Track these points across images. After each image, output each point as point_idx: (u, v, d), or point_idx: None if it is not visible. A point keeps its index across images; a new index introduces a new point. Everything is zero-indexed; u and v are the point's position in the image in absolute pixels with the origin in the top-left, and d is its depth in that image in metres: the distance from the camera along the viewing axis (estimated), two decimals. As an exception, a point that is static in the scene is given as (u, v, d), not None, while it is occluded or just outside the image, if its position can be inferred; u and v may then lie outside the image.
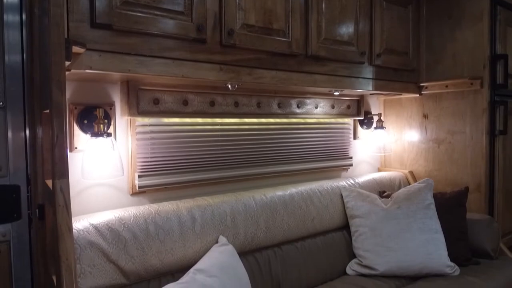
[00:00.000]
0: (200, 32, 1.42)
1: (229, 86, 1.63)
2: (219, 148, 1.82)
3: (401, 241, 1.79)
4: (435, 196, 1.96)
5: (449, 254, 1.80)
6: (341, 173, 2.40)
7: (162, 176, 1.64)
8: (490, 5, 2.07)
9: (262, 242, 1.68)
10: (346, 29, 1.90)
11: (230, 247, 1.46)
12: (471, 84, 2.09)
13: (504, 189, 2.18)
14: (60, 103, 1.06)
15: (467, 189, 1.99)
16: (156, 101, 1.59)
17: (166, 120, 1.65)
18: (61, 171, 1.05)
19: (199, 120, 1.74)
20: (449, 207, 1.95)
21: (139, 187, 1.58)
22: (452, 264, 1.78)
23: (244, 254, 1.62)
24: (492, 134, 2.09)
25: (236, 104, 1.84)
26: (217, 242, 1.50)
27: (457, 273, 1.76)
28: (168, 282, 1.35)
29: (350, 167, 2.41)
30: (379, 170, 2.59)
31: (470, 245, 1.93)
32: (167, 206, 1.51)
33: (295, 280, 1.70)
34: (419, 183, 2.01)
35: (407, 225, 1.82)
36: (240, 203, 1.66)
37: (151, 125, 1.62)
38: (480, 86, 2.07)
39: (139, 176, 1.58)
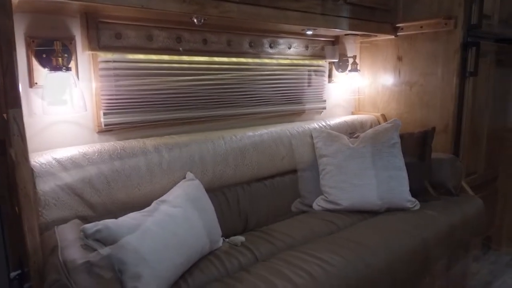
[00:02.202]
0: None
1: (195, 20, 1.57)
2: (188, 87, 1.79)
3: (366, 177, 1.85)
4: (403, 136, 2.01)
5: (411, 190, 1.89)
6: (314, 116, 2.41)
7: (129, 115, 1.63)
8: None
9: (231, 179, 1.72)
10: (320, -38, 1.82)
11: (197, 182, 1.49)
12: (445, 24, 2.06)
13: (471, 132, 2.24)
14: (7, 29, 1.02)
15: (433, 129, 2.04)
16: (119, 36, 1.53)
17: (130, 56, 1.60)
18: (13, 100, 1.04)
19: (166, 57, 1.70)
20: (415, 146, 2.01)
21: (105, 125, 1.56)
22: (413, 199, 1.87)
23: (213, 190, 1.66)
24: (462, 76, 2.10)
25: (205, 41, 1.79)
26: (184, 178, 1.53)
27: (417, 207, 1.86)
28: (135, 215, 1.39)
29: (324, 110, 2.43)
30: (352, 113, 2.61)
31: (433, 182, 2.02)
32: (133, 143, 1.52)
33: (263, 214, 1.77)
34: (387, 123, 2.05)
35: (372, 163, 1.87)
36: (209, 142, 1.68)
37: (114, 61, 1.57)
38: (454, 27, 2.04)
39: (104, 114, 1.56)
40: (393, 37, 2.31)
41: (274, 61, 2.10)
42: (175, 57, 1.73)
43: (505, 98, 2.54)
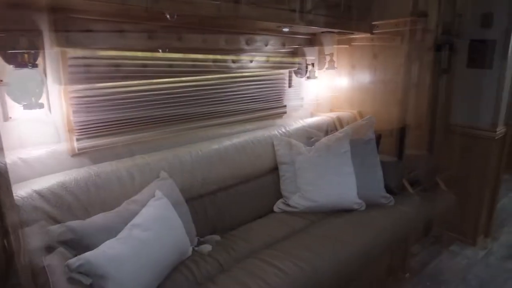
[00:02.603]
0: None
1: (167, 15, 1.59)
2: (156, 107, 1.91)
3: (319, 184, 2.09)
4: (353, 142, 2.24)
5: (358, 192, 2.15)
6: (292, 114, 2.58)
7: (101, 137, 1.74)
8: None
9: (198, 191, 1.91)
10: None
11: (165, 201, 1.66)
12: (420, 23, 2.19)
13: (445, 127, 2.43)
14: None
15: (380, 136, 2.29)
16: (89, 31, 1.54)
17: (102, 53, 1.63)
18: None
19: (134, 82, 1.80)
20: (363, 151, 2.25)
21: (79, 149, 1.68)
22: (360, 201, 2.13)
23: (181, 203, 1.83)
24: (436, 73, 2.26)
25: (171, 66, 1.89)
26: (154, 196, 1.70)
27: (363, 208, 2.13)
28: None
29: (301, 108, 2.59)
30: (330, 110, 2.78)
31: (409, 178, 2.28)
32: (107, 167, 1.65)
33: (228, 221, 1.98)
34: (339, 132, 2.28)
35: (325, 170, 2.11)
36: (176, 159, 1.84)
37: (84, 57, 1.58)
38: (427, 26, 2.18)
39: (77, 139, 1.67)
40: (369, 35, 2.41)
41: (249, 57, 2.19)
42: (143, 81, 1.83)
43: (478, 97, 2.76)
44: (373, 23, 2.34)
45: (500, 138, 2.76)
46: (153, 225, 1.50)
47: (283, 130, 2.38)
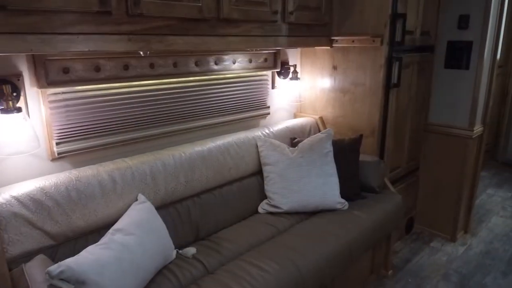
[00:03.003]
0: (104, 5, 1.41)
1: (141, 53, 1.67)
2: (138, 109, 1.90)
3: (302, 184, 2.11)
4: (335, 143, 2.28)
5: (341, 192, 2.18)
6: (260, 122, 2.61)
7: (81, 141, 1.72)
8: (395, -35, 2.19)
9: (182, 194, 1.89)
10: (259, -11, 1.95)
11: (147, 204, 1.65)
12: (373, 41, 2.30)
13: (394, 134, 2.56)
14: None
15: (361, 136, 2.33)
16: (66, 70, 1.60)
17: (79, 87, 1.68)
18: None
19: (115, 84, 1.79)
20: (345, 152, 2.29)
21: (58, 153, 1.66)
22: (343, 200, 2.16)
23: (165, 206, 1.84)
24: (387, 87, 2.37)
25: (152, 65, 1.89)
26: (136, 200, 1.69)
27: (346, 208, 2.16)
28: (94, 239, 1.54)
29: (268, 115, 2.63)
30: (295, 116, 2.84)
31: (361, 183, 2.33)
32: (87, 172, 1.62)
33: (213, 223, 1.98)
34: (321, 133, 2.30)
35: (308, 171, 2.13)
36: (159, 162, 1.82)
37: (63, 92, 1.64)
38: (380, 44, 2.28)
39: (57, 144, 1.65)
40: (329, 48, 2.52)
41: (220, 76, 2.24)
42: (124, 83, 1.82)
43: (424, 100, 2.88)
44: (332, 38, 2.46)
45: (477, 137, 2.85)
46: (135, 230, 1.49)
47: (267, 131, 2.39)
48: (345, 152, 2.29)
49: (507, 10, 2.77)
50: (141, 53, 1.67)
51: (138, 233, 1.47)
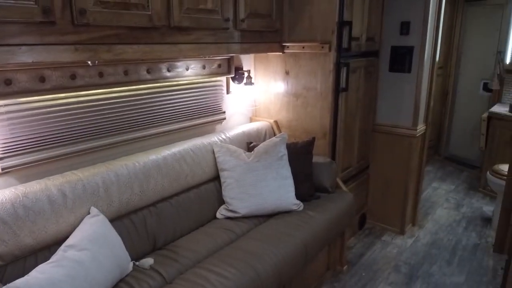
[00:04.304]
0: (47, 15, 1.36)
1: (89, 63, 1.63)
2: (87, 119, 1.85)
3: (259, 188, 2.16)
4: (289, 146, 2.35)
5: (297, 193, 2.25)
6: (216, 127, 2.62)
7: (27, 155, 1.65)
8: (340, -27, 2.30)
9: (137, 204, 1.86)
10: (209, -3, 1.96)
11: (101, 217, 1.61)
12: (322, 47, 2.39)
13: (345, 136, 2.68)
14: None
15: (313, 139, 2.41)
16: (8, 82, 1.53)
17: (23, 99, 1.61)
18: None
19: (62, 95, 1.73)
20: (299, 154, 2.36)
21: (3, 169, 1.58)
22: (298, 202, 2.23)
23: (120, 218, 1.80)
24: (337, 91, 2.48)
25: (101, 74, 1.84)
26: (89, 213, 1.64)
27: (301, 208, 2.23)
28: (44, 257, 1.49)
29: (224, 120, 2.65)
30: (251, 120, 2.88)
31: (314, 184, 2.41)
32: (35, 187, 1.56)
33: (170, 232, 1.97)
34: (276, 137, 2.36)
35: (264, 175, 2.18)
36: (112, 173, 1.79)
37: (6, 105, 1.56)
38: (328, 50, 2.38)
39: (1, 158, 1.57)
40: (281, 53, 2.59)
41: (173, 83, 2.23)
42: (71, 94, 1.76)
43: (371, 102, 3.04)
44: (284, 44, 2.53)
45: (421, 135, 3.05)
46: (88, 244, 1.45)
47: (223, 136, 2.41)
48: (299, 155, 2.36)
49: (444, 16, 2.99)
50: (89, 62, 1.63)
51: (91, 248, 1.44)
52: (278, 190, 2.18)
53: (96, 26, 1.52)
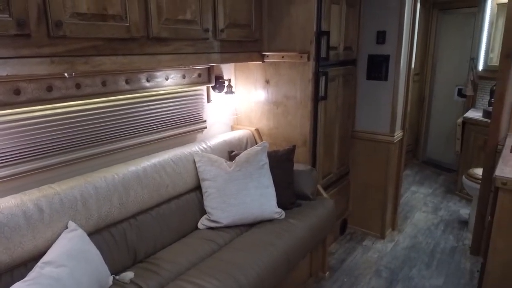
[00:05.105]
0: (22, 28, 1.34)
1: (66, 74, 1.61)
2: (64, 131, 1.82)
3: (240, 197, 2.16)
4: (270, 155, 2.36)
5: (278, 202, 2.26)
6: (197, 136, 2.62)
7: (2, 169, 1.61)
8: (317, -15, 2.34)
9: (116, 217, 1.84)
10: (188, 8, 1.97)
11: (79, 232, 1.58)
12: (301, 57, 2.43)
13: (324, 143, 2.72)
14: None
15: (294, 147, 2.44)
16: None
17: None
18: None
19: (37, 107, 1.70)
20: (280, 162, 2.38)
21: (-25, 184, 1.53)
22: (280, 210, 2.25)
23: (99, 231, 1.77)
24: (316, 99, 2.52)
25: (78, 86, 1.82)
26: (67, 228, 1.61)
27: (283, 217, 2.25)
28: (21, 274, 1.45)
29: (205, 129, 2.65)
30: (232, 128, 2.89)
31: (295, 191, 2.43)
32: (10, 202, 1.52)
33: (151, 244, 1.95)
34: (257, 146, 2.37)
35: (245, 184, 2.19)
36: (90, 186, 1.76)
37: None
38: (307, 59, 2.42)
39: (-27, 174, 1.52)
40: (261, 62, 2.61)
41: (152, 93, 2.22)
42: (48, 106, 1.73)
43: (350, 109, 3.09)
44: (263, 53, 2.56)
45: (398, 141, 3.12)
46: (66, 260, 1.42)
47: (204, 146, 2.41)
48: (280, 163, 2.38)
49: (418, 25, 3.08)
50: (66, 74, 1.61)
51: (69, 264, 1.41)
52: (260, 199, 2.19)
53: (73, 38, 1.51)
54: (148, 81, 2.15)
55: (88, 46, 1.57)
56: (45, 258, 1.42)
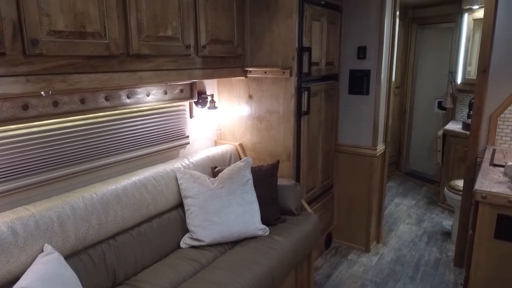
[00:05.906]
0: (-5, 46, 1.31)
1: (42, 93, 1.57)
2: (40, 150, 1.77)
3: (224, 215, 2.13)
4: (253, 170, 2.35)
5: (262, 218, 2.24)
6: (179, 152, 2.59)
7: (-27, 191, 1.55)
8: (299, 2, 2.37)
9: (95, 238, 1.78)
10: (170, 24, 1.96)
11: (55, 255, 1.52)
12: (283, 72, 2.44)
13: (308, 157, 2.73)
14: None
15: (278, 162, 2.43)
16: None
17: None
18: None
19: (12, 126, 1.64)
20: (264, 178, 2.37)
21: None
22: (264, 226, 2.22)
23: (77, 253, 1.71)
24: (298, 114, 2.53)
25: (56, 103, 1.78)
26: (42, 251, 1.55)
27: (267, 233, 2.22)
28: (-9, 302, 1.38)
29: (188, 145, 2.62)
30: (215, 143, 2.87)
31: (280, 206, 2.42)
32: (-19, 225, 1.46)
33: (131, 265, 1.89)
34: (240, 161, 2.35)
35: (229, 201, 2.16)
36: (67, 206, 1.70)
37: None
38: (289, 75, 2.43)
39: None
40: (244, 78, 2.62)
41: (133, 109, 2.19)
42: (23, 125, 1.68)
43: (333, 123, 3.12)
44: (246, 68, 2.57)
45: (381, 154, 3.15)
46: (41, 285, 1.36)
47: (187, 162, 2.38)
48: (264, 178, 2.37)
49: (398, 40, 3.15)
50: (42, 93, 1.57)
51: (44, 290, 1.35)
52: (243, 216, 2.16)
53: (50, 56, 1.47)
54: (128, 97, 2.12)
55: (65, 64, 1.54)
56: (19, 283, 1.36)
